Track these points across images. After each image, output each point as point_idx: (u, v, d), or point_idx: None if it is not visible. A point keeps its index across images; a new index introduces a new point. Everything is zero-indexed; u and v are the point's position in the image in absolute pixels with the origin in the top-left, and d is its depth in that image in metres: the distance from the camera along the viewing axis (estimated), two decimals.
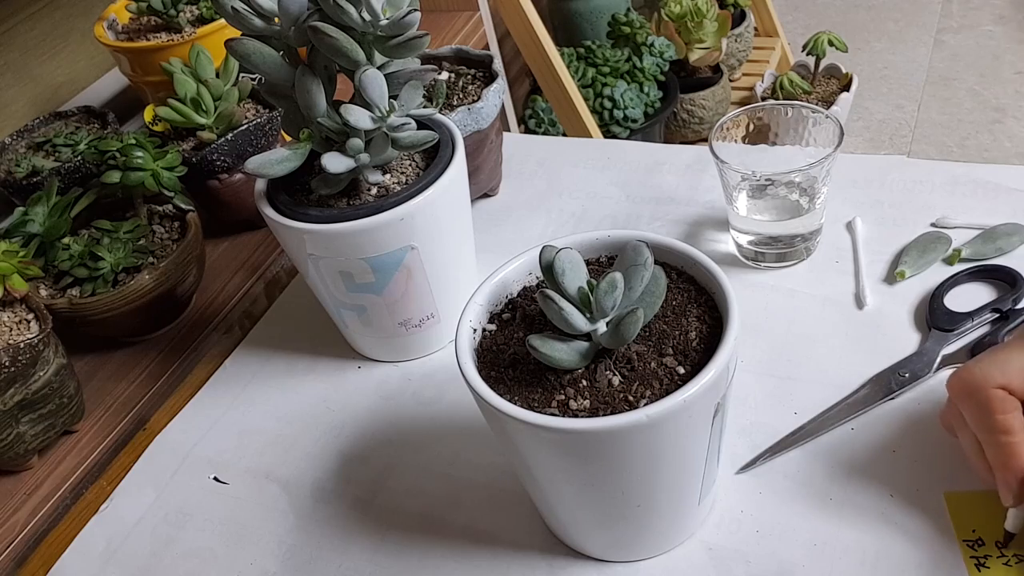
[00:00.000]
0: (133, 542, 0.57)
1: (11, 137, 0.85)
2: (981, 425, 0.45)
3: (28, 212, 0.69)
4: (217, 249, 0.84)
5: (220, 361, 0.70)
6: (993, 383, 0.44)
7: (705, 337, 0.44)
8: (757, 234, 0.65)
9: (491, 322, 0.48)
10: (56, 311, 0.65)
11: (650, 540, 0.49)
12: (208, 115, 0.78)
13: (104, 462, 0.65)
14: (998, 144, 1.92)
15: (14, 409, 0.60)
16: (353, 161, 0.55)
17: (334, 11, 0.51)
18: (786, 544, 0.49)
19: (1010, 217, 0.64)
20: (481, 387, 0.42)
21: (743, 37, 2.01)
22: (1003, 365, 0.45)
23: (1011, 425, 0.43)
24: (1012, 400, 0.44)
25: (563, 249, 0.43)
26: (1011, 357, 0.45)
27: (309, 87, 0.53)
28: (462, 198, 0.61)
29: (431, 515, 0.55)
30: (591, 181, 0.79)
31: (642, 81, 1.72)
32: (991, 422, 0.44)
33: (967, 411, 0.46)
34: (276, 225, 0.58)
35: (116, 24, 0.95)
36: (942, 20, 2.35)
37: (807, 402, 0.55)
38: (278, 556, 0.54)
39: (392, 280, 0.59)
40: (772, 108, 0.65)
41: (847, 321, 0.60)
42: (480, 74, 0.75)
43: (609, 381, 0.42)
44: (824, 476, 0.51)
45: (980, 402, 0.45)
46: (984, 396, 0.44)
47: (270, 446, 0.62)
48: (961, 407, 0.46)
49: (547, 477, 0.45)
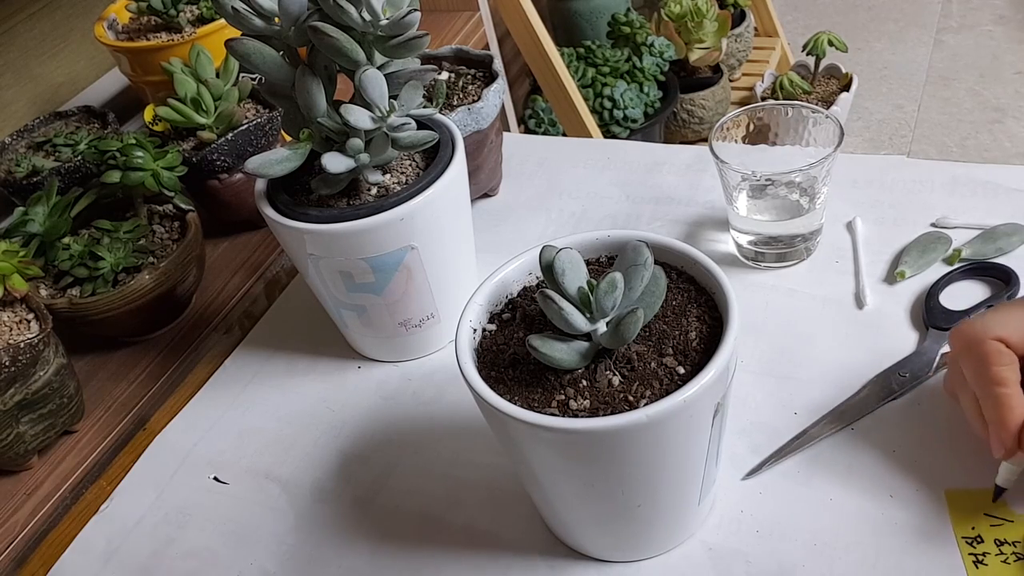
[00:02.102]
0: (133, 542, 0.57)
1: (11, 137, 0.85)
2: (978, 378, 0.45)
3: (28, 212, 0.69)
4: (217, 249, 0.84)
5: (220, 361, 0.70)
6: (991, 335, 0.45)
7: (705, 337, 0.44)
8: (757, 234, 0.65)
9: (491, 322, 0.48)
10: (56, 311, 0.65)
11: (650, 540, 0.49)
12: (208, 115, 0.78)
13: (104, 462, 0.65)
14: (998, 144, 1.92)
15: (14, 409, 0.60)
16: (353, 161, 0.55)
17: (334, 11, 0.51)
18: (786, 544, 0.49)
19: (1010, 217, 0.64)
20: (481, 387, 0.42)
21: (743, 37, 2.01)
22: (1003, 320, 0.46)
23: (1006, 377, 0.44)
24: (1009, 353, 0.45)
25: (563, 249, 0.43)
26: (1011, 313, 0.46)
27: (309, 87, 0.53)
28: (462, 198, 0.61)
29: (431, 515, 0.55)
30: (591, 181, 0.79)
31: (642, 81, 1.72)
32: (987, 374, 0.45)
33: (965, 364, 0.46)
34: (276, 225, 0.58)
35: (116, 24, 0.95)
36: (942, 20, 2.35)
37: (807, 402, 0.56)
38: (278, 556, 0.54)
39: (392, 280, 0.59)
40: (772, 108, 0.65)
41: (847, 321, 0.60)
42: (480, 74, 0.75)
43: (609, 381, 0.42)
44: (824, 476, 0.51)
45: (978, 354, 0.45)
46: (982, 349, 0.45)
47: (270, 446, 0.62)
48: (960, 360, 0.47)
49: (547, 477, 0.45)
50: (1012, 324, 0.45)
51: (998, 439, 0.44)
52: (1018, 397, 0.44)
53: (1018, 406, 0.43)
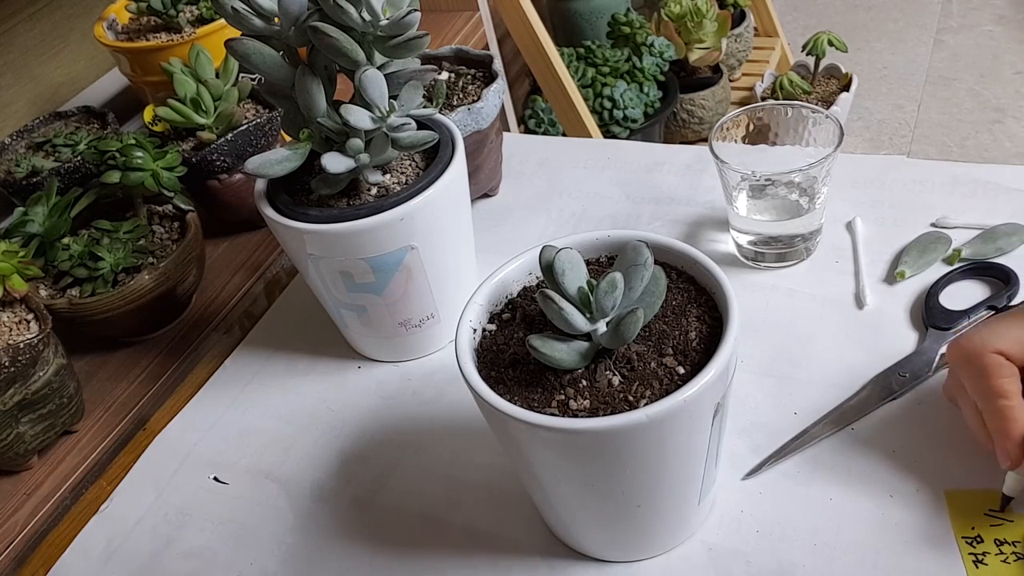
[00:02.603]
0: (133, 542, 0.57)
1: (11, 137, 0.85)
2: (979, 390, 0.45)
3: (28, 212, 0.69)
4: (217, 249, 0.84)
5: (220, 361, 0.70)
6: (991, 348, 0.45)
7: (705, 337, 0.44)
8: (757, 234, 0.65)
9: (491, 322, 0.48)
10: (56, 311, 0.65)
11: (650, 540, 0.49)
12: (208, 115, 0.78)
13: (104, 462, 0.65)
14: (998, 144, 1.92)
15: (14, 409, 0.60)
16: (353, 161, 0.55)
17: (334, 11, 0.51)
18: (786, 544, 0.49)
19: (1010, 217, 0.64)
20: (481, 387, 0.42)
21: (743, 37, 2.01)
22: (1001, 332, 0.46)
23: (1008, 389, 0.44)
24: (1009, 366, 0.45)
25: (563, 249, 0.43)
26: (1010, 325, 0.46)
27: (309, 87, 0.53)
28: (462, 198, 0.61)
29: (431, 515, 0.55)
30: (591, 181, 0.79)
31: (642, 81, 1.72)
32: (988, 387, 0.45)
33: (966, 377, 0.46)
34: (276, 225, 0.58)
35: (116, 24, 0.95)
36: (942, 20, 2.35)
37: (807, 402, 0.56)
38: (278, 556, 0.54)
39: (392, 280, 0.59)
40: (772, 108, 0.65)
41: (847, 321, 0.60)
42: (480, 74, 0.75)
43: (609, 381, 0.42)
44: (824, 476, 0.51)
45: (978, 368, 0.45)
46: (982, 362, 0.45)
47: (270, 446, 0.62)
48: (960, 373, 0.47)
49: (547, 477, 0.45)
50: (1011, 337, 0.45)
51: (1004, 450, 0.44)
52: (1020, 409, 0.44)
53: (1021, 418, 0.43)
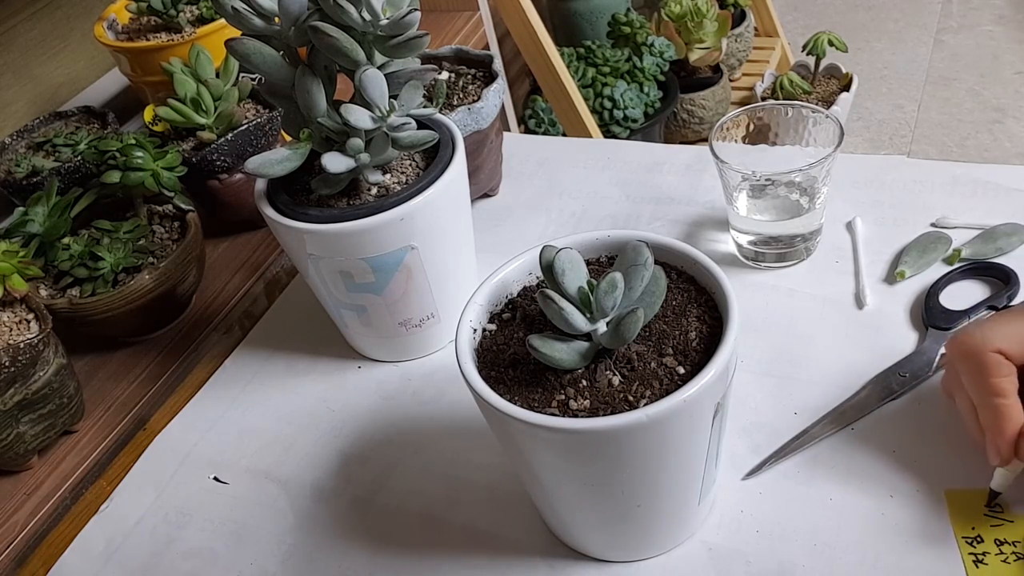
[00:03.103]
0: (133, 542, 0.57)
1: (11, 137, 0.85)
2: (976, 387, 0.46)
3: (28, 212, 0.69)
4: (217, 249, 0.84)
5: (220, 361, 0.70)
6: (991, 347, 0.45)
7: (705, 337, 0.44)
8: (757, 234, 0.65)
9: (491, 322, 0.48)
10: (56, 311, 0.65)
11: (650, 540, 0.49)
12: (208, 115, 0.78)
13: (104, 462, 0.65)
14: (998, 144, 1.92)
15: (14, 409, 0.60)
16: (353, 161, 0.55)
17: (334, 11, 0.51)
18: (786, 544, 0.49)
19: (1010, 217, 0.64)
20: (481, 387, 0.42)
21: (743, 37, 2.01)
22: (1001, 330, 0.46)
23: (1004, 388, 0.45)
24: (1008, 364, 0.45)
25: (563, 249, 0.43)
26: (1010, 323, 0.46)
27: (309, 87, 0.53)
28: (462, 198, 0.61)
29: (431, 515, 0.55)
30: (591, 181, 0.79)
31: (642, 81, 1.72)
32: (986, 384, 0.45)
33: (964, 373, 0.47)
34: (276, 225, 0.58)
35: (116, 24, 0.95)
36: (942, 20, 2.35)
37: (807, 402, 0.56)
38: (278, 556, 0.54)
39: (392, 280, 0.59)
40: (772, 108, 0.65)
41: (847, 321, 0.60)
42: (480, 74, 0.75)
43: (609, 381, 0.42)
44: (824, 476, 0.51)
45: (977, 365, 0.46)
46: (981, 359, 0.45)
47: (270, 446, 0.62)
48: (959, 369, 0.47)
49: (547, 477, 0.45)
50: (1011, 335, 0.46)
51: (995, 447, 0.45)
52: (1016, 408, 0.44)
53: (1016, 416, 0.44)
